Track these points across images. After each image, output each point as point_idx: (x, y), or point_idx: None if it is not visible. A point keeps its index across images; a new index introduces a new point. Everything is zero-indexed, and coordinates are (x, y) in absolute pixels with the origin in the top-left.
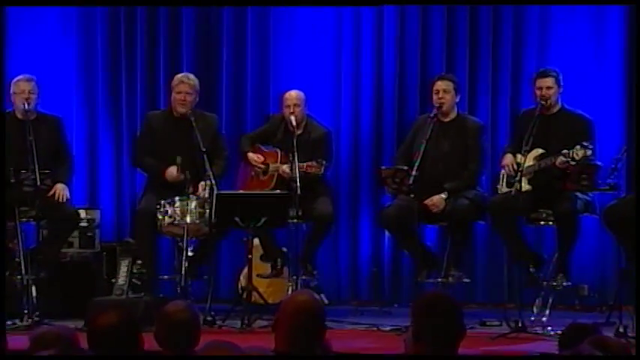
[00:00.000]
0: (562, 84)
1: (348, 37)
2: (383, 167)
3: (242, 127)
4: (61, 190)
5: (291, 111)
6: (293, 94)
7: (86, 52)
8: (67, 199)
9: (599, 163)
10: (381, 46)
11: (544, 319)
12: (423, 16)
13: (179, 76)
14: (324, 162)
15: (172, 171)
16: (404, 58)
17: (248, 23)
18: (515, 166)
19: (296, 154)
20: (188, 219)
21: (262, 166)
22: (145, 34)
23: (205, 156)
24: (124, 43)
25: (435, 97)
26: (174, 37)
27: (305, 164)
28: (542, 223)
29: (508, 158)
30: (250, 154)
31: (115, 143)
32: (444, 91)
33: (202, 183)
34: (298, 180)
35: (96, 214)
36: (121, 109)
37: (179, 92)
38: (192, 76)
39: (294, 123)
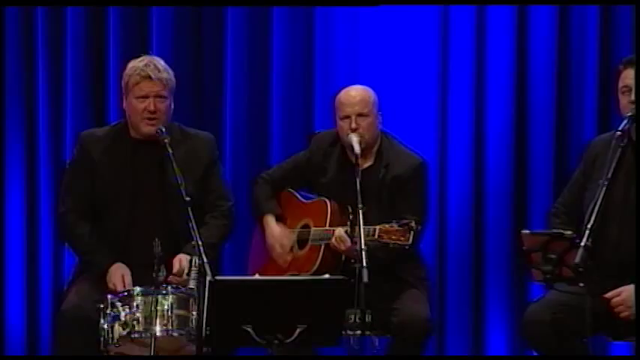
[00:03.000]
0: None
1: (456, 32)
2: (527, 231)
3: (263, 158)
4: None
5: (353, 125)
6: (353, 94)
7: None
8: None
9: None
10: (525, 43)
11: None
12: (604, 12)
13: (139, 63)
14: (412, 224)
15: (116, 282)
16: (568, 56)
17: (274, 18)
18: None
19: (361, 206)
20: (158, 329)
21: (285, 258)
22: (77, 27)
23: (191, 211)
24: (41, 39)
25: (623, 99)
26: (139, 34)
27: (378, 228)
28: None
29: None
30: (271, 227)
31: (26, 191)
32: None
33: (182, 258)
34: (365, 257)
35: None
36: (38, 130)
37: (142, 97)
38: (162, 63)
39: (357, 149)
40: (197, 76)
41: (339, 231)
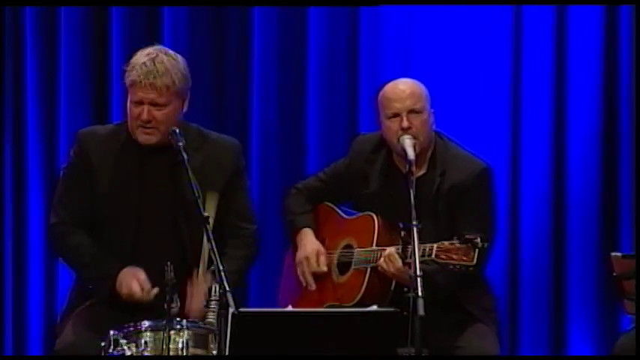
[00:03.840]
0: None
1: (530, 32)
2: (618, 254)
3: (298, 168)
4: None
5: (405, 124)
6: (402, 88)
7: None
8: None
9: None
10: (614, 43)
11: None
12: None
13: (139, 59)
14: (477, 241)
15: (131, 283)
16: None
17: (309, 14)
18: None
19: (416, 222)
20: None
21: (310, 281)
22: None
23: (209, 232)
24: (29, 24)
25: None
26: (147, 18)
27: (435, 246)
28: None
29: None
30: (306, 240)
31: (13, 202)
32: None
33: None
34: (420, 284)
35: None
36: (27, 131)
37: (137, 102)
38: (167, 61)
39: (411, 154)
40: (218, 72)
41: (390, 249)
